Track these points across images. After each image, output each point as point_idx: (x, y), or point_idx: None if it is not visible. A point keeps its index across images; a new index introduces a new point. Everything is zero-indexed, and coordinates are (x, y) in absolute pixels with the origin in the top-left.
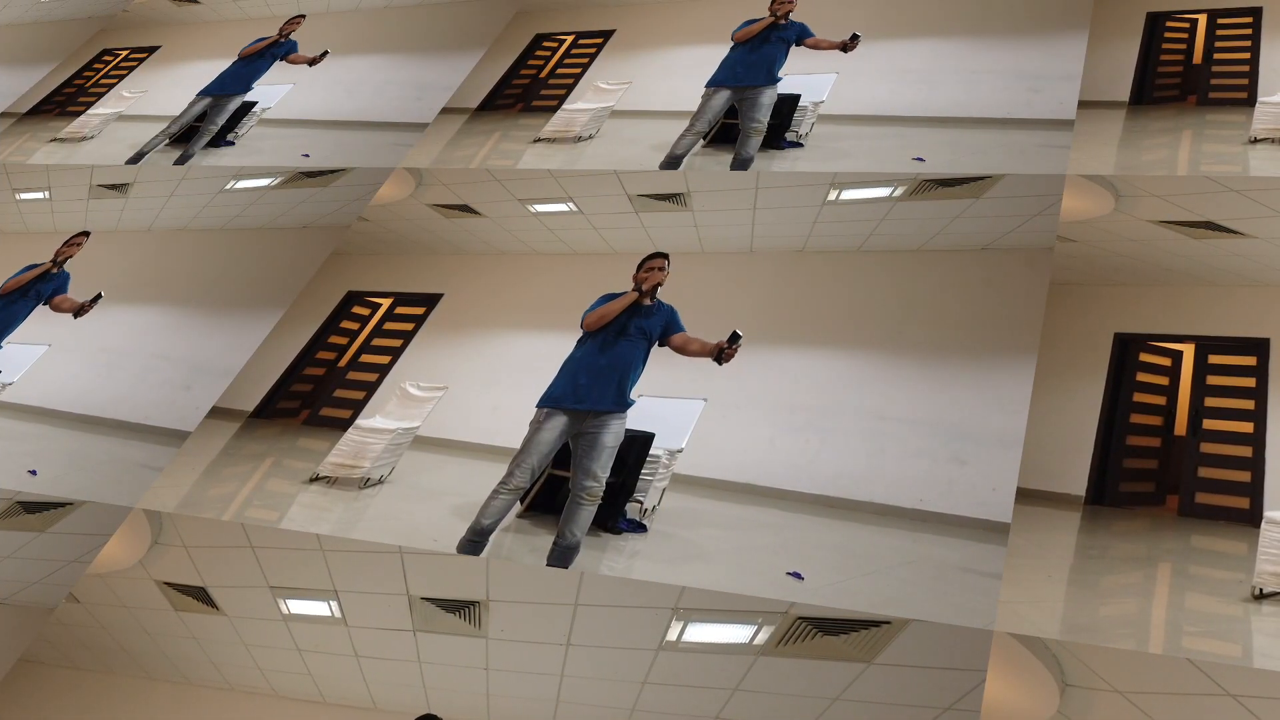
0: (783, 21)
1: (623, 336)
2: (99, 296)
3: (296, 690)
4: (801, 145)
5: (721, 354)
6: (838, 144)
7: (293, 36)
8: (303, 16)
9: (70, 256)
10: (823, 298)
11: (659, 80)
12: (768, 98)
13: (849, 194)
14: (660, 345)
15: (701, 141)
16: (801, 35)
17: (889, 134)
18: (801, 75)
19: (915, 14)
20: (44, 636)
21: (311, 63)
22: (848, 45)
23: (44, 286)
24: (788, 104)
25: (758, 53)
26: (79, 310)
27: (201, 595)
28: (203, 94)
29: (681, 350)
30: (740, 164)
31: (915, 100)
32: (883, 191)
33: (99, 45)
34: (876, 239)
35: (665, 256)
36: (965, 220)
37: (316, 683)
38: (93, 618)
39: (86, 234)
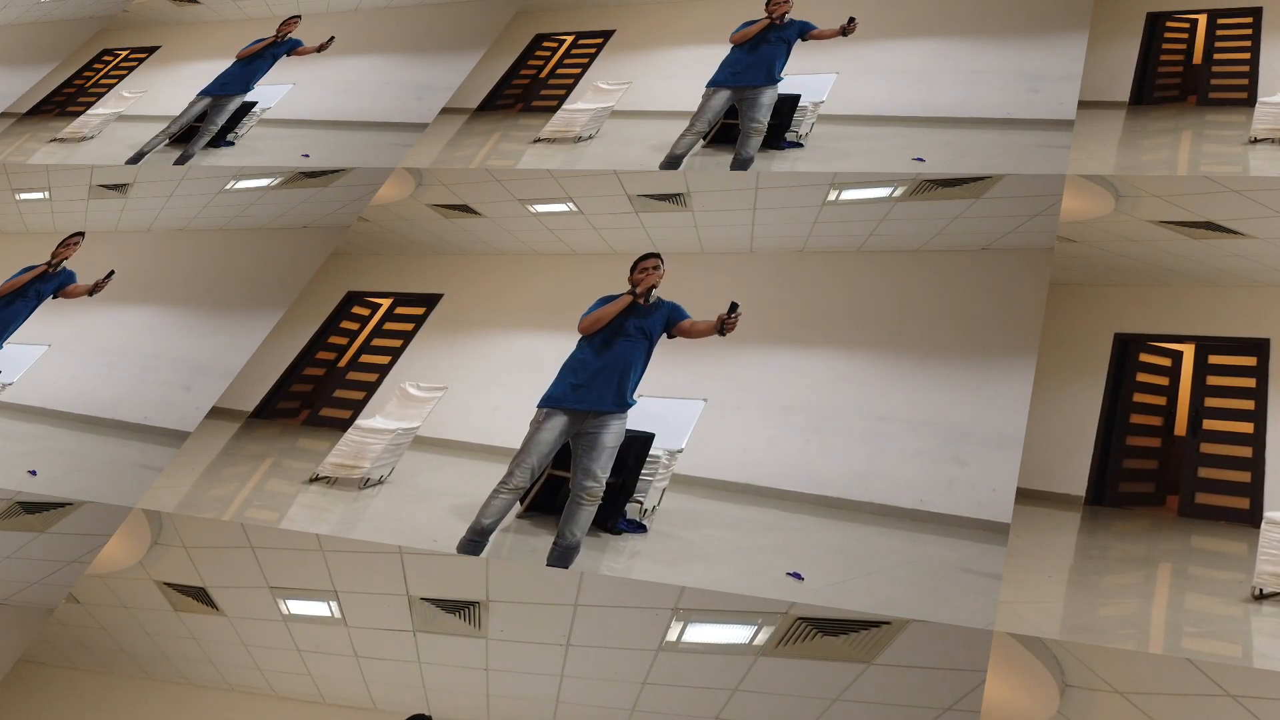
0: (779, 22)
1: (622, 337)
2: (112, 273)
3: (296, 691)
4: (801, 145)
5: (723, 325)
6: (838, 144)
7: (293, 35)
8: (298, 17)
9: (66, 258)
10: (823, 298)
11: (659, 80)
12: (767, 98)
13: (849, 194)
14: (671, 337)
15: (701, 141)
16: (803, 31)
17: (889, 134)
18: (801, 75)
19: (915, 14)
20: (44, 637)
21: (320, 49)
22: (846, 29)
23: (43, 287)
24: (788, 104)
25: (756, 53)
26: (93, 289)
27: (201, 595)
28: (203, 94)
29: (689, 334)
30: (740, 164)
31: (915, 100)
32: (883, 192)
33: (99, 45)
34: (876, 239)
35: (658, 256)
36: (965, 220)
37: (316, 683)
38: (92, 618)
39: (81, 234)
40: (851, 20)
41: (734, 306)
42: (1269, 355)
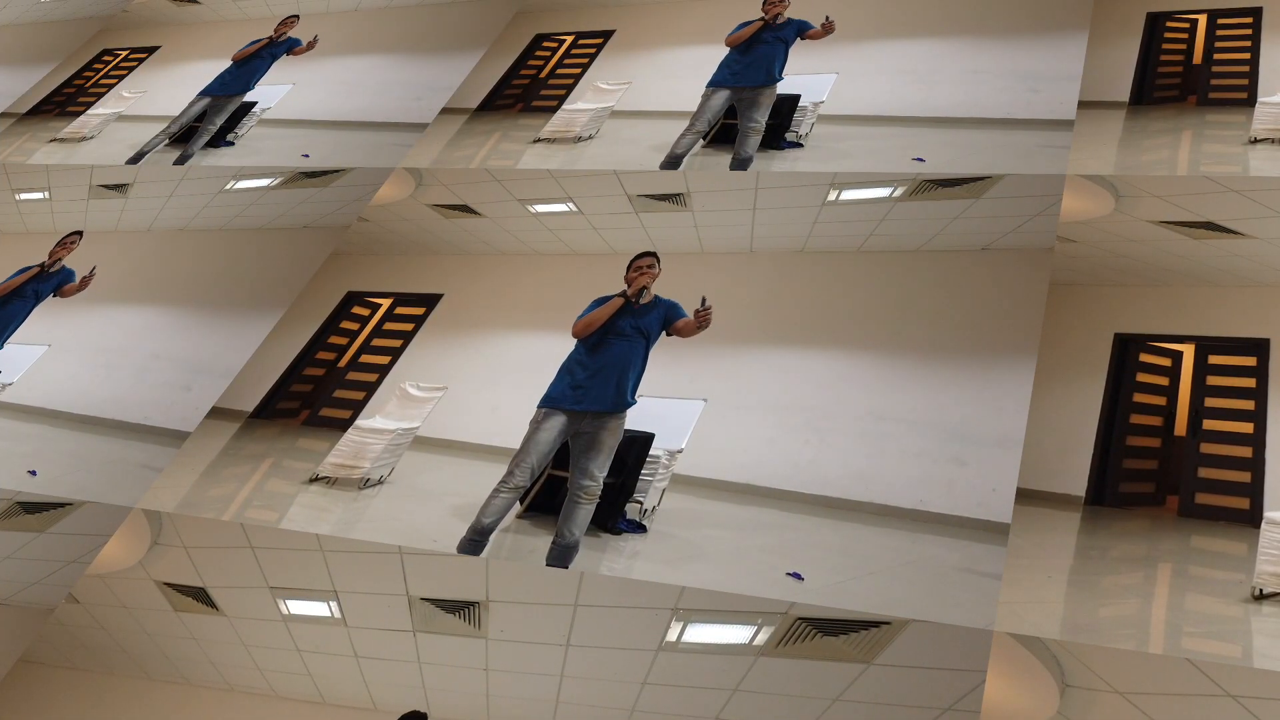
0: (774, 22)
1: (619, 337)
2: (94, 269)
3: (296, 691)
4: (801, 145)
5: (699, 319)
6: (838, 144)
7: (292, 35)
8: (296, 17)
9: (62, 257)
10: (823, 298)
11: (659, 80)
12: (766, 98)
13: (849, 194)
14: (668, 335)
15: (701, 141)
16: (800, 30)
17: (889, 134)
18: (801, 75)
19: (915, 14)
20: (44, 637)
21: (309, 47)
22: (827, 27)
23: (41, 286)
24: (788, 104)
25: (753, 54)
26: (79, 286)
27: (201, 596)
28: (202, 94)
29: (680, 333)
30: (739, 164)
31: (915, 100)
32: (883, 192)
33: (99, 45)
34: (876, 239)
35: (654, 255)
36: (965, 220)
37: (316, 683)
38: (92, 618)
39: (79, 234)
40: (828, 19)
41: (703, 300)
42: (1269, 355)
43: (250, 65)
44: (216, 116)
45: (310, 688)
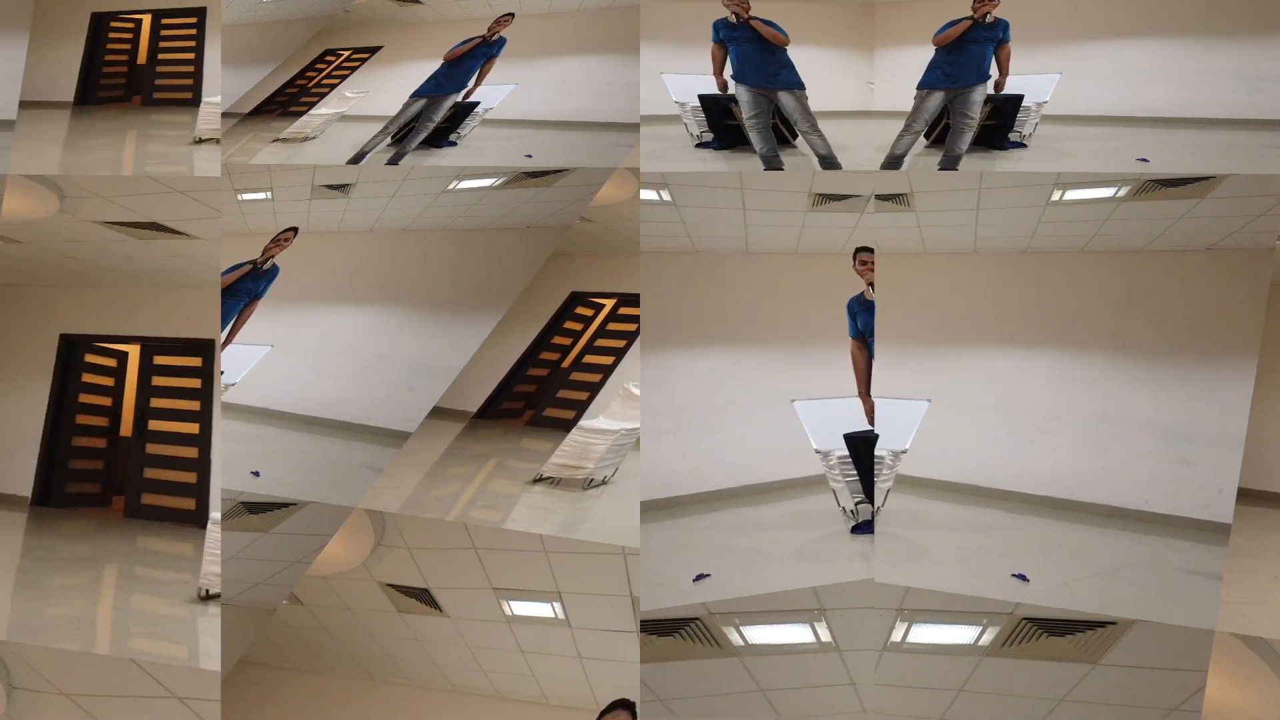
0: (985, 20)
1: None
2: None
3: (519, 691)
4: (1025, 145)
5: None
6: (1061, 144)
7: (503, 34)
8: (511, 15)
9: (275, 254)
10: (1047, 298)
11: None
12: (979, 95)
13: (1073, 194)
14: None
15: (924, 141)
16: (1004, 36)
17: (1112, 134)
18: (1025, 75)
19: (1138, 13)
20: (265, 637)
21: (482, 76)
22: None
23: (255, 285)
24: (1011, 104)
25: (964, 53)
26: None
27: (424, 597)
28: (416, 95)
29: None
30: (950, 161)
31: (1139, 100)
32: (1107, 192)
33: (321, 45)
34: (1101, 239)
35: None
36: (1190, 220)
37: (540, 684)
38: (314, 619)
39: (294, 230)
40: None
41: None
42: (214, 356)
43: (463, 65)
44: (433, 115)
45: (534, 688)
